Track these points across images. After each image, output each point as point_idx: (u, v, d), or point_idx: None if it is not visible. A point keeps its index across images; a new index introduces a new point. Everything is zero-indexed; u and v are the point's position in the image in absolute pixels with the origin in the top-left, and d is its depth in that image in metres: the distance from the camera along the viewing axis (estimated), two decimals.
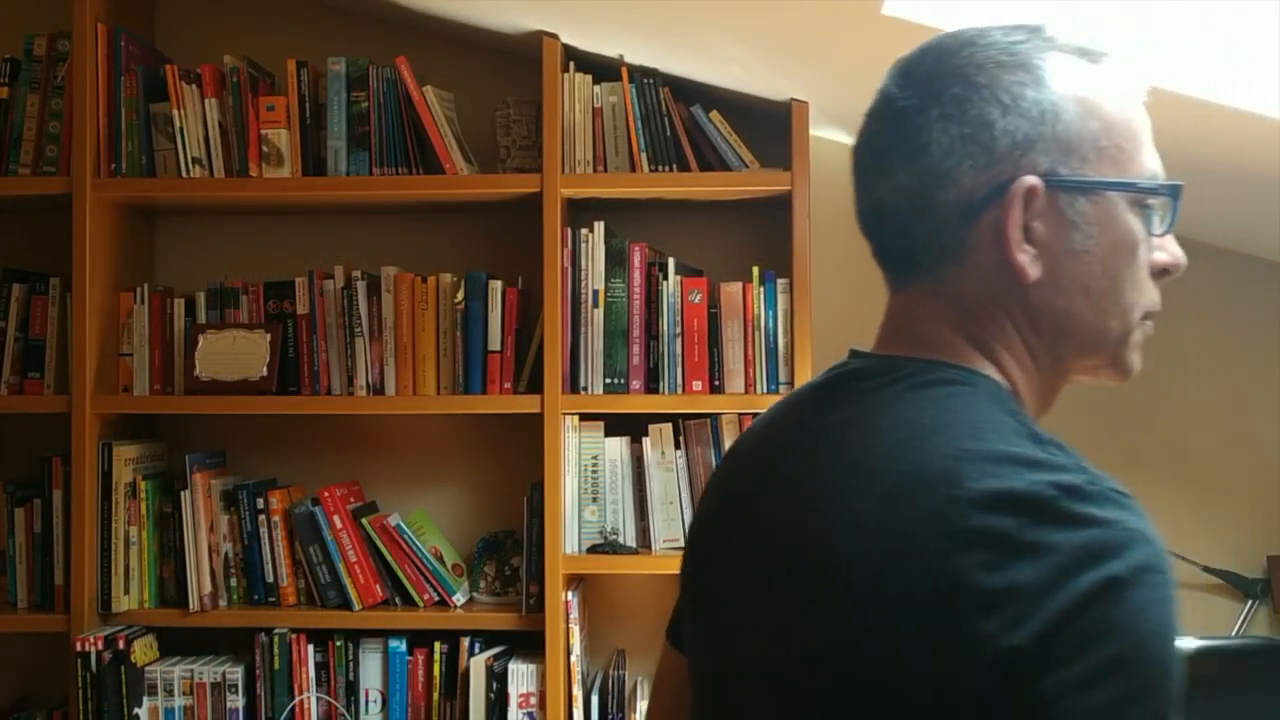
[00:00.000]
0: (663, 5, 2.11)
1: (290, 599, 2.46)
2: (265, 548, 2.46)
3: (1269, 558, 2.50)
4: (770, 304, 2.39)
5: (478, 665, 2.40)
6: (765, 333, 2.38)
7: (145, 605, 2.44)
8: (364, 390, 2.45)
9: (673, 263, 2.42)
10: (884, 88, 0.90)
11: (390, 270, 2.46)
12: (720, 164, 2.40)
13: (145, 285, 2.51)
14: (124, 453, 2.45)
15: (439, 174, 2.41)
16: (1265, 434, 2.57)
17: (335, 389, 2.47)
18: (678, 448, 2.41)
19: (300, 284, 2.49)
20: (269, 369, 2.45)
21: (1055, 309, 0.85)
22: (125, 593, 2.42)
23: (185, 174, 2.44)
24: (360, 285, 2.46)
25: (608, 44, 2.41)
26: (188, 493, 2.42)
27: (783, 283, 2.39)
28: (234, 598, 2.47)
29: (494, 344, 2.42)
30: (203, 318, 2.52)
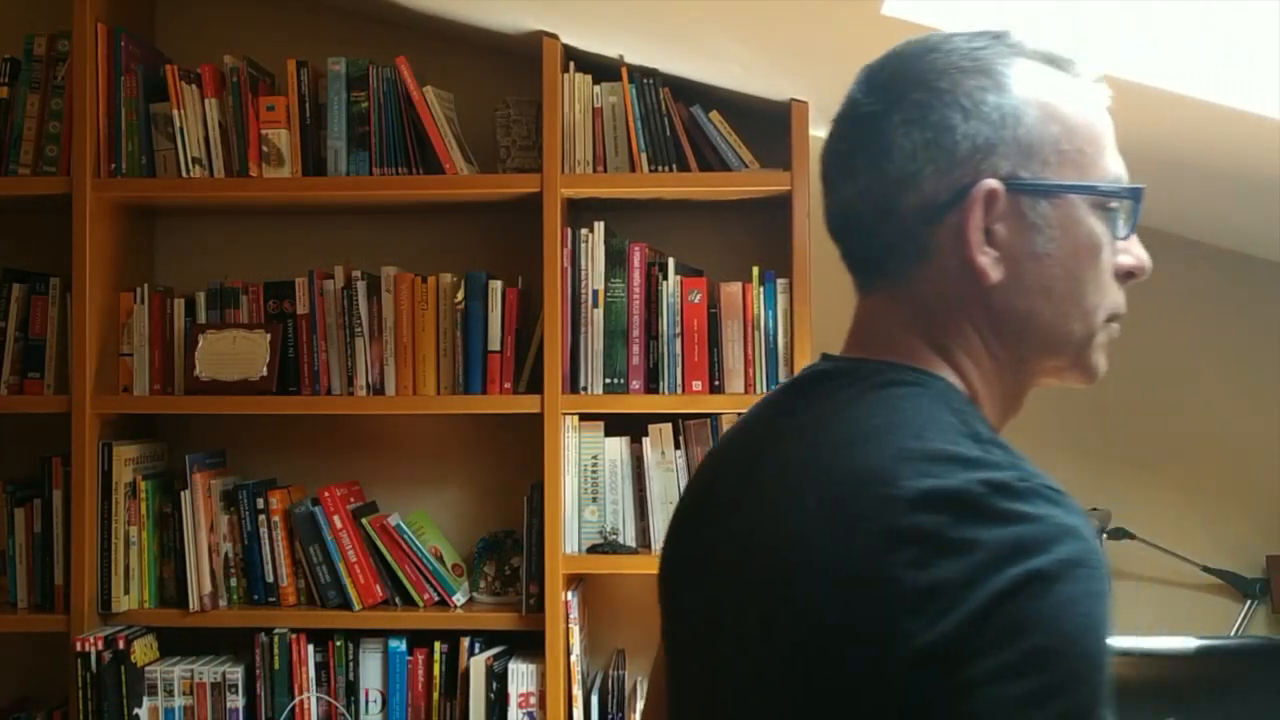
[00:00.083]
0: (663, 5, 2.11)
1: (290, 599, 2.46)
2: (265, 548, 2.46)
3: (1268, 558, 2.50)
4: (770, 304, 2.39)
5: (478, 665, 2.40)
6: (765, 333, 2.38)
7: (145, 605, 2.44)
8: (364, 390, 2.45)
9: (673, 263, 2.42)
10: (850, 93, 0.91)
11: (390, 270, 2.46)
12: (720, 164, 2.40)
13: (145, 285, 2.51)
14: (124, 453, 2.45)
15: (439, 174, 2.42)
16: (1265, 434, 2.57)
17: (335, 389, 2.47)
18: (678, 448, 2.41)
19: (300, 284, 2.49)
20: (269, 369, 2.45)
21: (1017, 311, 0.86)
22: (125, 593, 2.42)
23: (185, 174, 2.44)
24: (360, 285, 2.46)
25: (608, 44, 2.41)
26: (188, 493, 2.42)
27: (783, 283, 2.39)
28: (234, 598, 2.47)
29: (494, 344, 2.42)
30: (203, 318, 2.52)
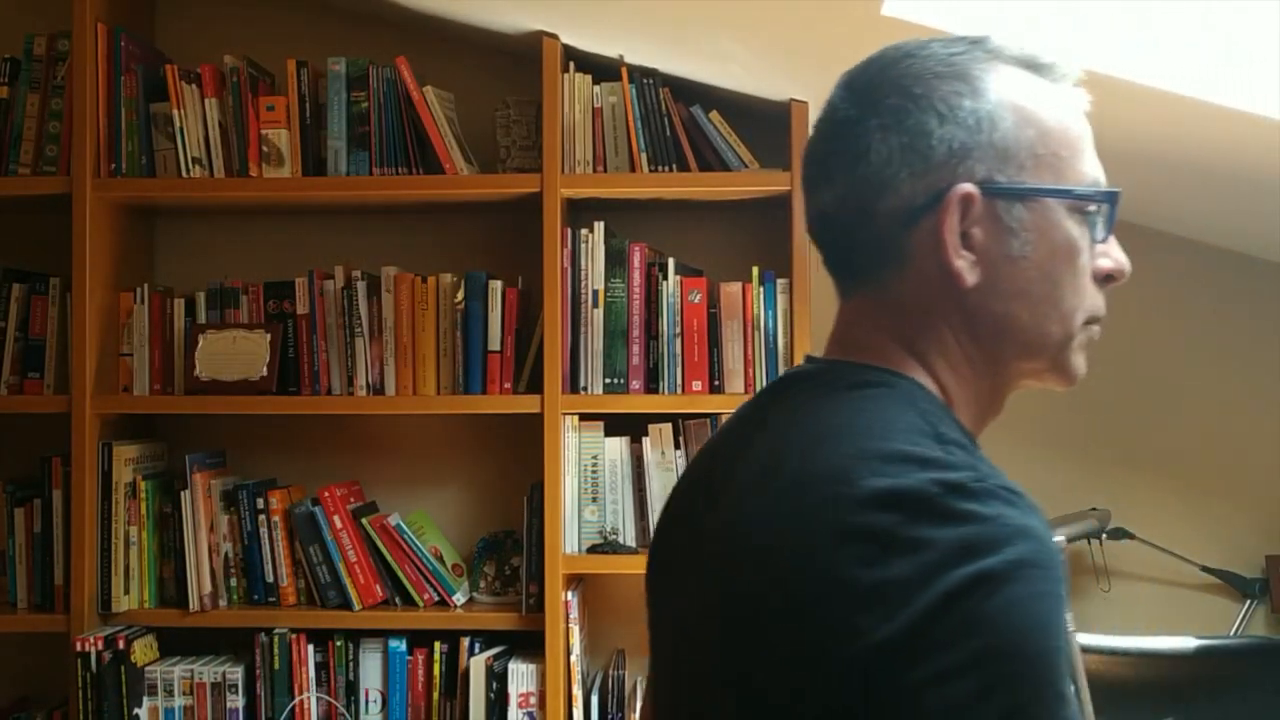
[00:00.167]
0: (663, 5, 2.11)
1: (290, 599, 2.46)
2: (265, 548, 2.46)
3: (1267, 557, 2.50)
4: (770, 304, 2.39)
5: (478, 665, 2.40)
6: (765, 333, 2.39)
7: (145, 605, 2.44)
8: (364, 390, 2.45)
9: (672, 263, 2.42)
10: (829, 99, 0.92)
11: (390, 270, 2.46)
12: (720, 164, 2.40)
13: (145, 285, 2.51)
14: (124, 453, 2.45)
15: (439, 174, 2.42)
16: (1265, 434, 2.57)
17: (335, 389, 2.47)
18: (677, 448, 2.41)
19: (300, 284, 2.49)
20: (269, 369, 2.45)
21: (993, 314, 0.87)
22: (125, 593, 2.42)
23: (185, 174, 2.44)
24: (360, 285, 2.46)
25: (608, 44, 2.41)
26: (188, 493, 2.42)
27: (782, 283, 2.39)
28: (234, 598, 2.47)
29: (494, 344, 2.42)
30: (203, 318, 2.52)
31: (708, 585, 0.85)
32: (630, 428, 2.42)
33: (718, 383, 2.40)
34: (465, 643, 2.43)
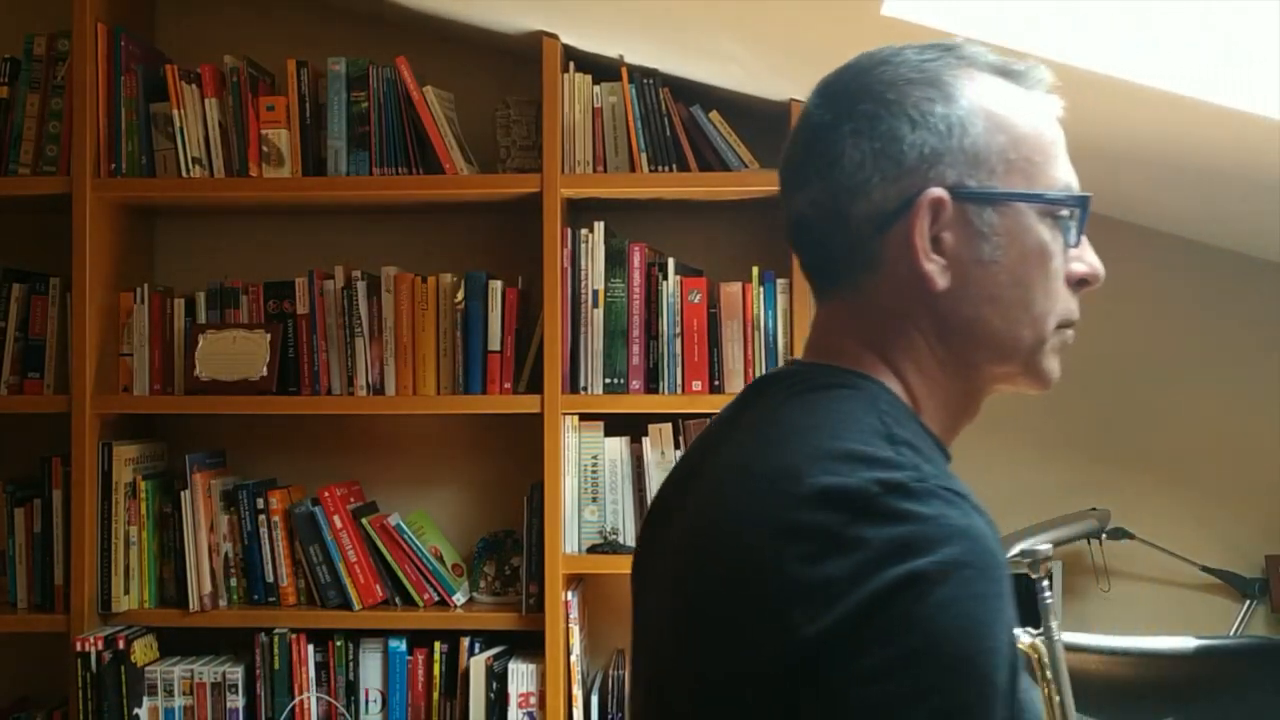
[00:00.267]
0: (663, 5, 2.11)
1: (290, 599, 2.46)
2: (265, 548, 2.46)
3: (1267, 557, 2.50)
4: (770, 304, 2.39)
5: (478, 665, 2.40)
6: (765, 333, 2.39)
7: (145, 605, 2.44)
8: (364, 390, 2.45)
9: (672, 263, 2.42)
10: (805, 105, 0.94)
11: (390, 270, 2.46)
12: (720, 164, 2.40)
13: (145, 285, 2.51)
14: (124, 453, 2.45)
15: (439, 174, 2.42)
16: (1265, 434, 2.57)
17: (335, 389, 2.47)
18: (677, 448, 2.41)
19: (300, 284, 2.49)
20: (269, 369, 2.45)
21: (964, 317, 0.87)
22: (125, 593, 2.42)
23: (185, 174, 2.44)
24: (360, 285, 2.46)
25: (608, 44, 2.41)
26: (188, 493, 2.42)
27: (782, 283, 2.39)
28: (234, 598, 2.47)
29: (494, 344, 2.42)
30: (203, 318, 2.52)
31: (671, 581, 0.87)
32: (630, 428, 2.42)
33: (718, 383, 2.40)
34: (465, 643, 2.43)
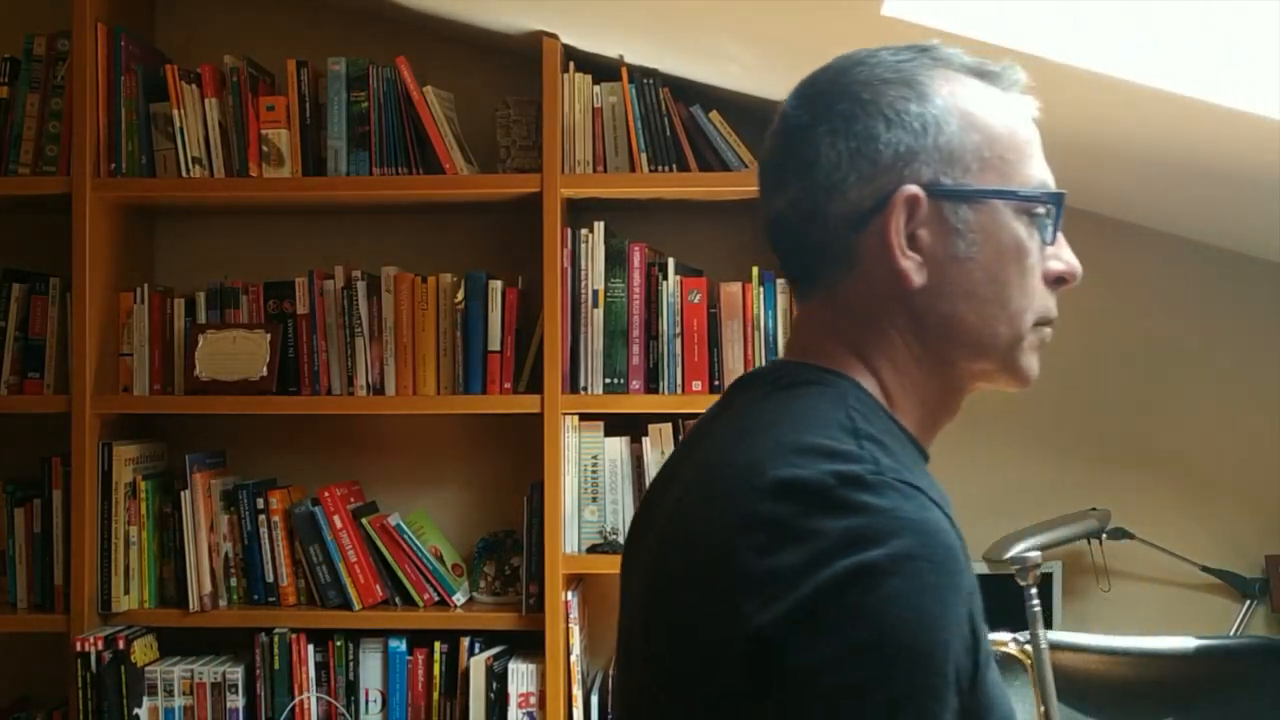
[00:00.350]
0: (663, 5, 2.11)
1: (290, 599, 2.46)
2: (265, 548, 2.46)
3: (1267, 557, 2.50)
4: (770, 304, 2.39)
5: (478, 665, 2.40)
6: (765, 333, 2.39)
7: (145, 605, 2.44)
8: (364, 390, 2.45)
9: (672, 263, 2.42)
10: (782, 108, 0.95)
11: (390, 270, 2.46)
12: (720, 164, 2.40)
13: (145, 285, 2.51)
14: (124, 453, 2.45)
15: (439, 174, 2.42)
16: (1264, 434, 2.57)
17: (335, 389, 2.47)
18: None
19: (300, 284, 2.49)
20: (269, 369, 2.45)
21: (939, 314, 0.88)
22: (125, 593, 2.42)
23: (185, 174, 2.44)
24: (360, 285, 2.46)
25: (608, 44, 2.41)
26: (188, 493, 2.42)
27: (782, 283, 2.39)
28: (234, 598, 2.47)
29: (494, 344, 2.42)
30: (203, 318, 2.52)
31: (644, 575, 0.88)
32: (630, 428, 2.42)
33: (718, 383, 2.40)
34: (465, 643, 2.43)
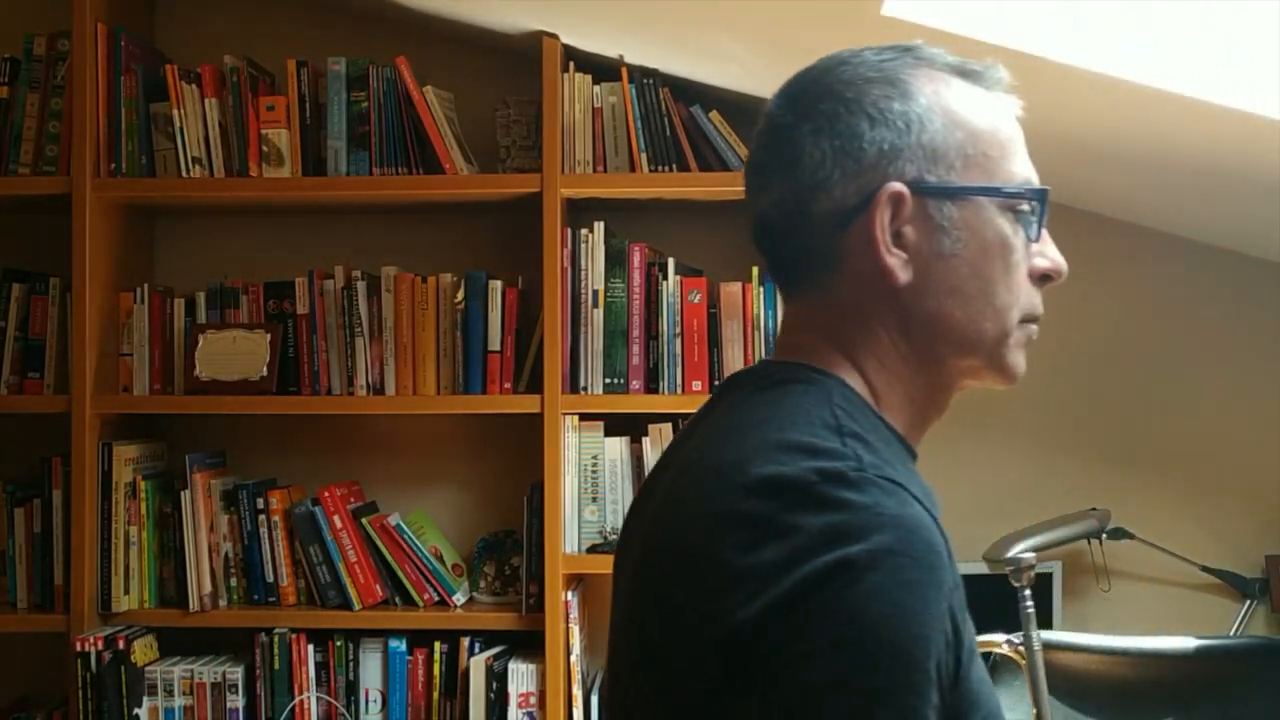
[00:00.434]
0: (663, 5, 2.11)
1: (290, 599, 2.46)
2: (265, 548, 2.46)
3: (1267, 557, 2.50)
4: (770, 304, 2.39)
5: (478, 665, 2.40)
6: (765, 333, 2.39)
7: (145, 605, 2.44)
8: (364, 390, 2.45)
9: (672, 263, 2.42)
10: (767, 109, 0.95)
11: (390, 270, 2.46)
12: (720, 164, 2.40)
13: (145, 285, 2.51)
14: (124, 453, 2.45)
15: (439, 174, 2.42)
16: (1265, 434, 2.57)
17: (335, 389, 2.47)
18: None
19: (300, 284, 2.49)
20: (269, 369, 2.45)
21: (925, 311, 0.88)
22: (125, 593, 2.42)
23: (185, 174, 2.44)
24: (360, 285, 2.46)
25: (608, 44, 2.41)
26: (188, 493, 2.42)
27: None
28: (234, 598, 2.47)
29: (494, 344, 2.42)
30: (203, 318, 2.52)
31: (632, 573, 0.89)
32: (630, 428, 2.42)
33: (718, 383, 2.39)
34: (465, 643, 2.43)
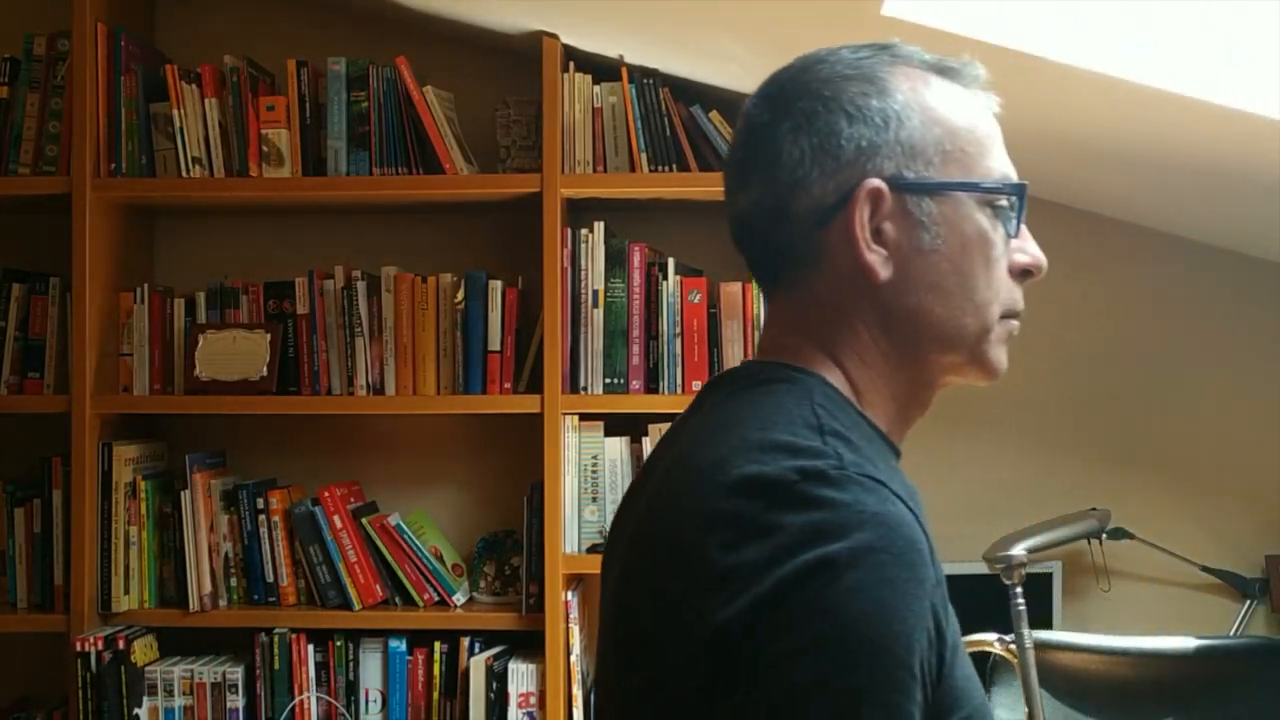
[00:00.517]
0: (663, 5, 2.11)
1: (290, 599, 2.46)
2: (265, 548, 2.46)
3: (1267, 557, 2.50)
4: None
5: (478, 665, 2.40)
6: None
7: (145, 605, 2.44)
8: (364, 390, 2.45)
9: (672, 263, 2.42)
10: (745, 108, 0.95)
11: (390, 270, 2.46)
12: (720, 164, 2.40)
13: (145, 285, 2.51)
14: (124, 453, 2.45)
15: (439, 174, 2.42)
16: (1265, 434, 2.57)
17: (335, 389, 2.47)
18: None
19: (300, 284, 2.49)
20: (269, 369, 2.45)
21: (906, 308, 0.88)
22: (125, 593, 2.42)
23: (185, 174, 2.44)
24: (360, 285, 2.46)
25: (608, 44, 2.41)
26: (188, 493, 2.42)
27: None
28: (234, 598, 2.47)
29: (494, 344, 2.42)
30: (203, 318, 2.52)
31: (618, 573, 0.89)
32: (630, 428, 2.42)
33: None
34: (465, 643, 2.43)
